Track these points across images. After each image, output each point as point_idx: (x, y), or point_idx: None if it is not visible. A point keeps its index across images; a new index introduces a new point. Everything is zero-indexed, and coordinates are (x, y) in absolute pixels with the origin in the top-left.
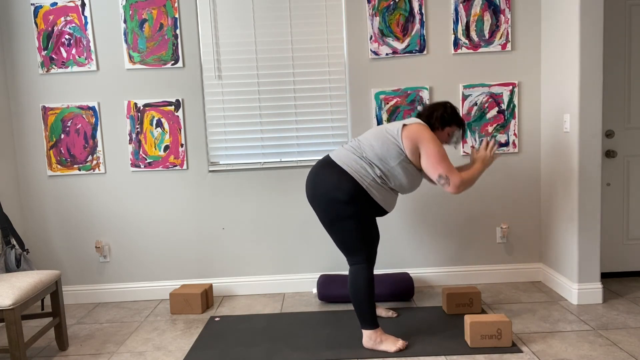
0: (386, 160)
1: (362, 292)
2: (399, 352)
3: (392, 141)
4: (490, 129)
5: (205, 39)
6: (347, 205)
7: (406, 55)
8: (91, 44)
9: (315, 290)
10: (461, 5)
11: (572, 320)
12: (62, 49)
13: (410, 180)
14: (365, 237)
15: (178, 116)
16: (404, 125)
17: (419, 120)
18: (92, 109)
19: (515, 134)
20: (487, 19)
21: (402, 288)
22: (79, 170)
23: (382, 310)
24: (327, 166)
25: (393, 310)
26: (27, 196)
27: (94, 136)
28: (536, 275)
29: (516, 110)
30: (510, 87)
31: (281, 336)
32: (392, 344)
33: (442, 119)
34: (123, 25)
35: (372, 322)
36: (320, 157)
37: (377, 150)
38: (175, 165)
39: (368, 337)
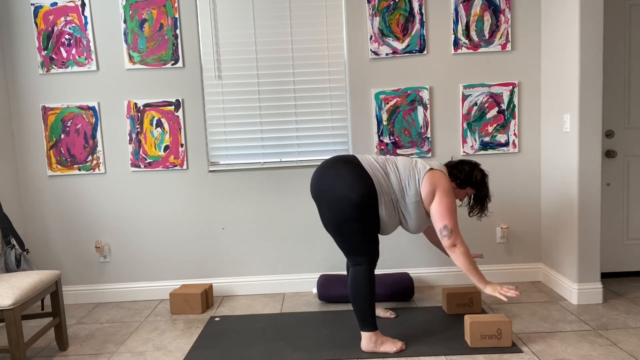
0: (404, 193)
1: (363, 293)
2: (399, 353)
3: (415, 178)
4: (490, 129)
5: (205, 39)
6: (356, 208)
7: (406, 55)
8: (91, 44)
9: (315, 290)
10: (461, 5)
11: (572, 320)
12: (62, 49)
13: (418, 220)
14: (369, 241)
15: (178, 116)
16: (431, 168)
17: (443, 170)
18: (92, 109)
19: (515, 134)
20: (487, 19)
21: (402, 288)
22: (79, 170)
23: (380, 311)
24: (349, 163)
25: (392, 310)
26: (27, 196)
27: (94, 136)
28: (536, 275)
29: (516, 110)
30: (510, 87)
31: (281, 336)
32: (391, 345)
33: (468, 177)
34: (123, 25)
35: (372, 324)
36: (320, 157)
37: (401, 178)
38: (175, 165)
39: (367, 339)
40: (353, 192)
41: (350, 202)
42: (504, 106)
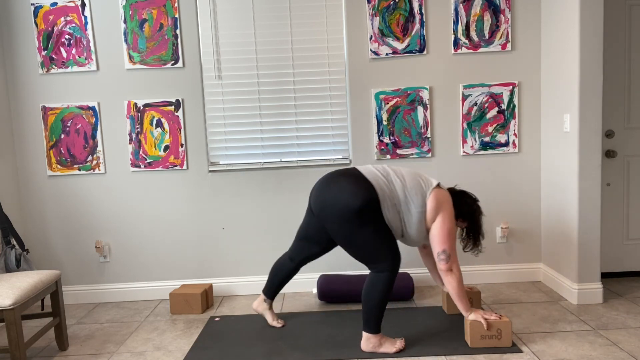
0: (409, 202)
1: (376, 300)
2: (399, 352)
3: (422, 190)
4: (490, 129)
5: (205, 39)
6: (359, 214)
7: (406, 55)
8: (91, 44)
9: (315, 290)
10: (461, 5)
11: (572, 320)
12: (62, 49)
13: (418, 231)
14: (385, 244)
15: (178, 116)
16: (439, 185)
17: (448, 194)
18: (92, 109)
19: (515, 134)
20: (487, 19)
21: (402, 288)
22: (79, 170)
23: (269, 317)
24: (347, 175)
25: (281, 320)
26: (27, 196)
27: (94, 136)
28: (536, 275)
29: (516, 110)
30: (510, 87)
31: (281, 336)
32: (391, 345)
33: (469, 209)
34: (123, 25)
35: (376, 327)
36: (320, 157)
37: (407, 189)
38: (175, 165)
39: (367, 340)
40: (353, 198)
41: (352, 209)
42: (504, 106)
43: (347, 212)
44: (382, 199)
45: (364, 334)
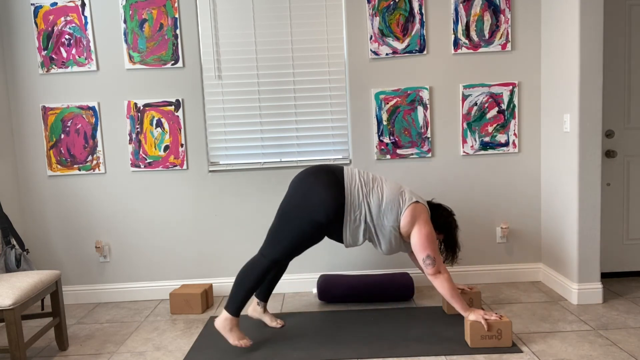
0: (382, 216)
1: (247, 282)
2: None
3: (398, 207)
4: (490, 129)
5: (205, 39)
6: (313, 219)
7: (406, 55)
8: (91, 44)
9: (315, 290)
10: (461, 5)
11: (572, 320)
12: (62, 49)
13: (390, 243)
14: (295, 248)
15: (178, 116)
16: (417, 201)
17: (426, 204)
18: (92, 109)
19: (515, 134)
20: (487, 19)
21: (402, 288)
22: (79, 170)
23: (267, 319)
24: (330, 173)
25: (280, 319)
26: (27, 196)
27: (94, 136)
28: (536, 275)
29: (516, 110)
30: (510, 87)
31: (281, 336)
32: (235, 339)
33: (445, 222)
34: (123, 25)
35: (237, 310)
36: (320, 157)
37: (382, 205)
38: (175, 165)
39: (224, 319)
40: (322, 204)
41: (312, 210)
42: (504, 106)
43: (308, 209)
44: (347, 211)
45: (224, 312)
